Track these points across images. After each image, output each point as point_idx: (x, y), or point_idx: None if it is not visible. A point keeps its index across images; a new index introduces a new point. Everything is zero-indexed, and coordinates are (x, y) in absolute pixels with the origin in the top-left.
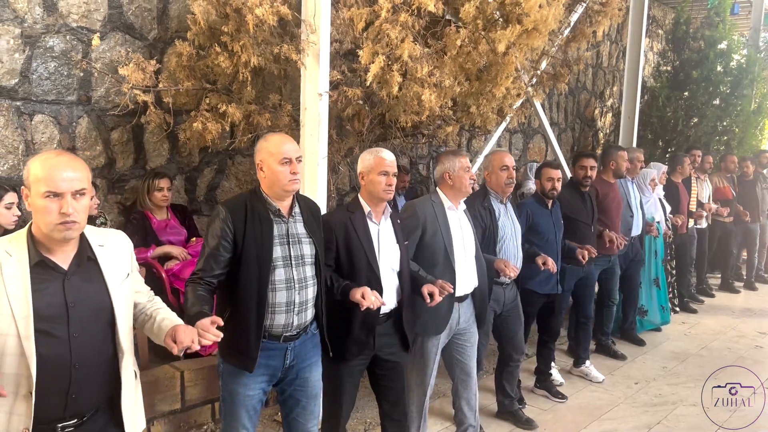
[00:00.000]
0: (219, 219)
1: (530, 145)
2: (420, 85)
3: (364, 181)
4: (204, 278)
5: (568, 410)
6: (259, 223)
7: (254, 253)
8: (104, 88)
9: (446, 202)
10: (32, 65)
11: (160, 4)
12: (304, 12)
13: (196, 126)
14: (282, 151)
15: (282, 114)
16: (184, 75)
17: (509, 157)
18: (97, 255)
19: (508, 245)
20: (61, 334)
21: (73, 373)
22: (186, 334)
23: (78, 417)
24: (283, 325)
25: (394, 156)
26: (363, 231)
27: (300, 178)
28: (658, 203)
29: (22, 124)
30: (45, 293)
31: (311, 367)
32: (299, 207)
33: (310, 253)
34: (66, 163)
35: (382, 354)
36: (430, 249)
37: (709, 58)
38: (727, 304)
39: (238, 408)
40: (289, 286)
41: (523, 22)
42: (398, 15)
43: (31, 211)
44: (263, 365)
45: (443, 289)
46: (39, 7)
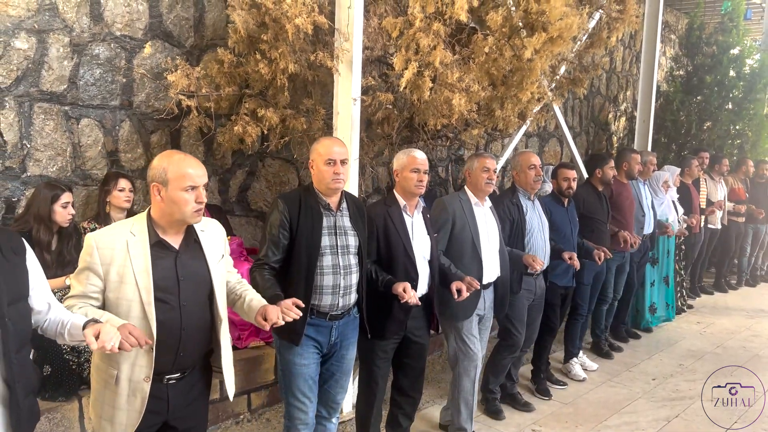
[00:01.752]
0: (277, 210)
1: (546, 148)
2: (450, 90)
3: (398, 178)
4: (267, 264)
5: (589, 404)
6: (310, 214)
7: (305, 241)
8: (145, 93)
9: (472, 198)
10: (79, 72)
11: (196, 13)
12: (338, 21)
13: (236, 129)
14: (328, 153)
15: (316, 118)
16: (225, 81)
17: (536, 157)
18: (201, 238)
19: (536, 238)
20: (173, 302)
21: (182, 335)
22: (273, 312)
23: (181, 371)
24: (330, 305)
25: (425, 156)
26: (399, 222)
27: (344, 178)
28: (671, 205)
29: (69, 127)
30: (161, 267)
31: (350, 345)
32: (347, 203)
33: (354, 244)
34: (194, 161)
35: (411, 336)
36: (459, 241)
37: (723, 63)
38: (742, 304)
39: (296, 378)
40: (335, 271)
41: (548, 30)
42: (431, 24)
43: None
44: (312, 338)
45: (471, 286)
46: (86, 17)
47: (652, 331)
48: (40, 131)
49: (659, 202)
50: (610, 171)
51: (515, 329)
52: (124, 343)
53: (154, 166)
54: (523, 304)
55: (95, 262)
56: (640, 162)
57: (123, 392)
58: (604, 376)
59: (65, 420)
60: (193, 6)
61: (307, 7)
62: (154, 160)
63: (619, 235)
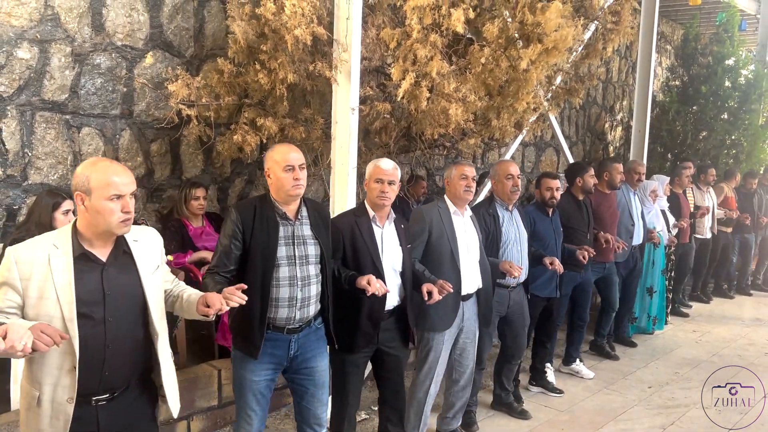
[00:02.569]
0: (230, 220)
1: (542, 157)
2: (447, 100)
3: (367, 188)
4: (219, 273)
5: (585, 411)
6: (266, 224)
7: (259, 252)
8: (145, 102)
9: (451, 207)
10: (81, 81)
11: (196, 23)
12: (336, 32)
13: (236, 138)
14: (285, 159)
15: (315, 127)
16: (225, 91)
17: (514, 167)
18: (132, 249)
19: (511, 250)
20: (98, 318)
21: (107, 352)
22: (216, 298)
23: (110, 392)
24: (286, 318)
25: (393, 165)
26: (368, 234)
27: (303, 183)
28: (659, 214)
29: (70, 136)
30: (86, 281)
31: (316, 357)
32: (307, 210)
33: (314, 254)
34: (121, 168)
35: (385, 347)
36: (437, 250)
37: (718, 74)
38: (738, 313)
39: (246, 392)
40: (292, 282)
41: (543, 41)
42: (428, 35)
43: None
44: (268, 353)
45: (443, 289)
46: (88, 27)
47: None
48: (42, 140)
49: (647, 211)
50: (591, 179)
51: (483, 343)
52: (38, 343)
53: (77, 173)
54: (493, 316)
55: (13, 277)
56: (621, 171)
57: (45, 414)
58: (600, 383)
59: None
60: (193, 16)
61: (306, 19)
62: (78, 168)
63: (600, 237)
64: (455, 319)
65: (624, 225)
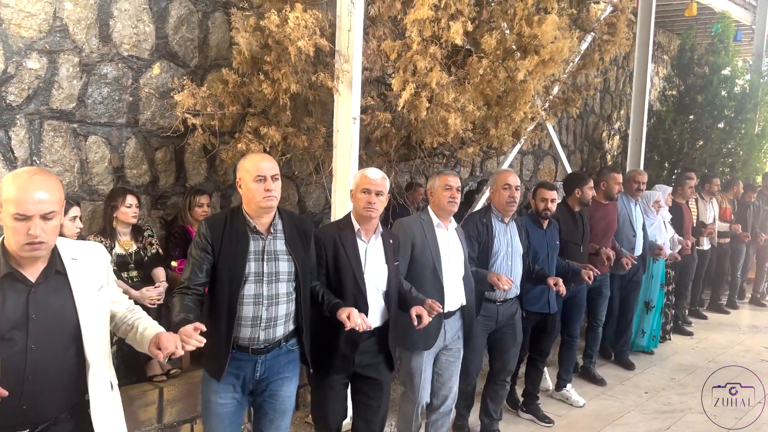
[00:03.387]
0: (200, 233)
1: (540, 166)
2: (446, 110)
3: (353, 199)
4: (190, 287)
5: (582, 416)
6: (235, 238)
7: (227, 267)
8: (150, 111)
9: (435, 219)
10: (88, 91)
11: (201, 34)
12: (338, 43)
13: (240, 147)
14: (257, 169)
15: (317, 136)
16: (229, 100)
17: (513, 177)
18: (68, 268)
19: (501, 263)
20: (18, 346)
21: (26, 384)
22: (169, 341)
23: (32, 427)
24: (249, 338)
25: (381, 175)
26: (351, 248)
27: (276, 195)
28: (662, 226)
29: (77, 144)
30: (9, 303)
31: (283, 381)
32: (282, 224)
33: (287, 270)
34: (38, 184)
35: (362, 371)
36: (419, 265)
37: (714, 84)
38: (734, 320)
39: (211, 415)
40: (257, 301)
41: (540, 52)
42: (428, 47)
43: None
44: (233, 375)
45: (432, 309)
46: (95, 38)
47: None
48: (50, 148)
49: (650, 222)
50: (590, 192)
51: (470, 360)
52: None
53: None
54: (479, 332)
55: None
56: (620, 182)
57: None
58: (597, 389)
59: None
60: (198, 27)
61: (309, 30)
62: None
63: (602, 253)
64: (437, 337)
65: (625, 236)
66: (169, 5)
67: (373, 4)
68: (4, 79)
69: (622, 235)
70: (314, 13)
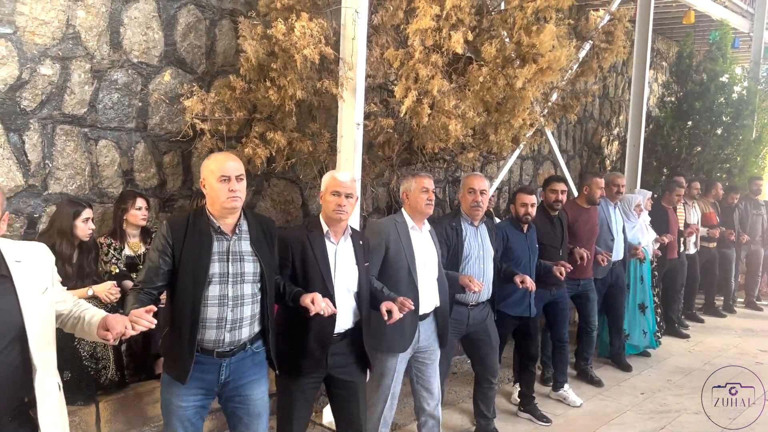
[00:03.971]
0: (160, 233)
1: (540, 171)
2: (447, 116)
3: (322, 202)
4: (144, 289)
5: (579, 415)
6: (198, 239)
7: (190, 269)
8: (159, 116)
9: (409, 222)
10: (99, 96)
11: (208, 41)
12: (342, 51)
13: (247, 151)
14: (221, 169)
15: (321, 141)
16: (236, 106)
17: (478, 181)
18: (12, 271)
19: (472, 266)
20: None
21: None
22: (117, 321)
23: None
24: (214, 341)
25: (351, 177)
26: (320, 250)
27: (240, 195)
28: (644, 229)
29: (88, 148)
30: None
31: (252, 384)
32: (247, 225)
33: (253, 271)
34: None
35: (336, 373)
36: (394, 267)
37: (711, 90)
38: (730, 324)
39: (172, 418)
40: (221, 302)
41: (538, 61)
42: (429, 56)
43: None
44: (197, 378)
45: (403, 306)
46: (106, 45)
47: None
48: (62, 151)
49: (631, 225)
50: (551, 195)
51: None
52: None
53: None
54: (450, 335)
55: None
56: (602, 186)
57: None
58: (594, 390)
59: (83, 423)
60: (205, 35)
61: (314, 39)
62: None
63: (575, 252)
64: (412, 339)
65: (603, 240)
66: (177, 13)
67: (376, 14)
68: (19, 84)
69: (600, 239)
70: (319, 21)
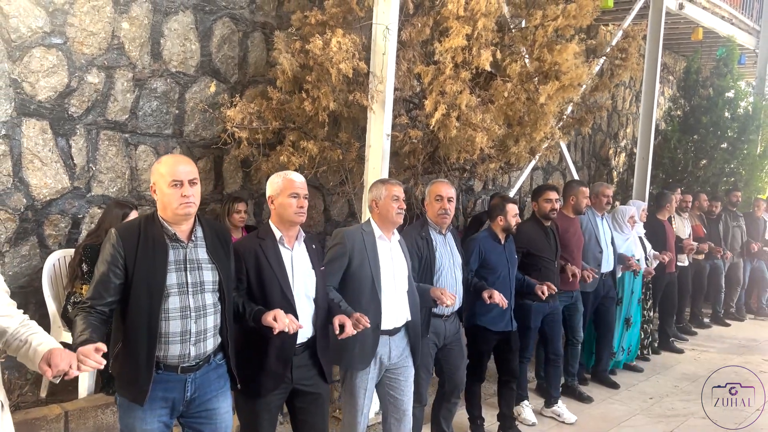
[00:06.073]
0: (109, 243)
1: (549, 180)
2: (473, 129)
3: (273, 206)
4: (95, 307)
5: (591, 418)
6: (152, 248)
7: (145, 280)
8: (194, 123)
9: (377, 231)
10: (139, 103)
11: (241, 52)
12: (373, 65)
13: (282, 159)
14: (172, 173)
15: (351, 150)
16: (272, 116)
17: (446, 188)
18: None
19: (446, 276)
20: None
21: None
22: (62, 358)
23: None
24: (179, 356)
25: (303, 178)
26: (275, 258)
27: (194, 201)
28: (638, 241)
29: (129, 153)
30: None
31: (218, 397)
32: (202, 231)
33: (211, 280)
34: None
35: (301, 386)
36: (357, 279)
37: (718, 105)
38: (734, 333)
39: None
40: (184, 314)
41: (560, 78)
42: (459, 72)
43: None
44: (160, 398)
45: (358, 323)
46: (147, 55)
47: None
48: (104, 156)
49: (624, 238)
50: (546, 205)
51: (420, 377)
52: None
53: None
54: (430, 349)
55: None
56: (588, 196)
57: None
58: (605, 394)
59: None
60: (238, 46)
61: (348, 53)
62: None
63: (567, 269)
64: (375, 356)
65: (591, 252)
66: (213, 25)
67: (403, 30)
68: (68, 92)
69: (588, 252)
70: (352, 37)
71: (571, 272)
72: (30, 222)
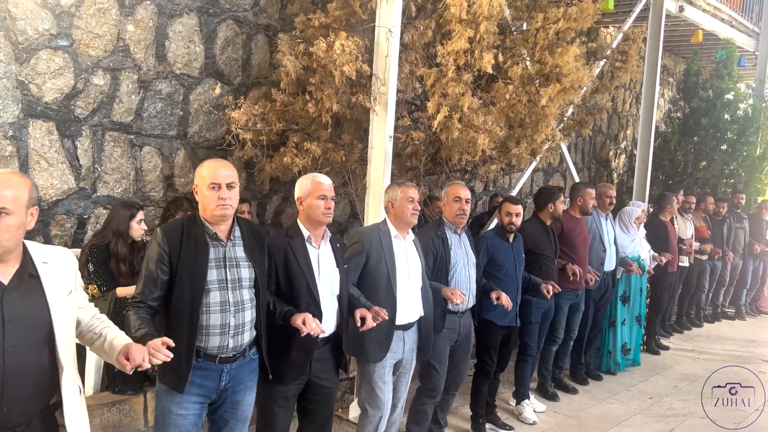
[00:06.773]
0: (155, 242)
1: (550, 182)
2: (475, 130)
3: (302, 206)
4: (144, 302)
5: (591, 417)
6: (194, 246)
7: (187, 276)
8: (198, 125)
9: (393, 230)
10: (144, 105)
11: (244, 54)
12: (376, 68)
13: (286, 160)
14: (212, 176)
15: (353, 151)
16: (276, 118)
17: (463, 190)
18: (40, 271)
19: (460, 274)
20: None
21: (5, 386)
22: (138, 353)
23: (9, 429)
24: (218, 347)
25: (330, 181)
26: (302, 256)
27: (231, 203)
28: (643, 242)
29: (134, 154)
30: None
31: (245, 390)
32: (240, 231)
33: (248, 277)
34: None
35: (317, 379)
36: (373, 276)
37: (717, 107)
38: (733, 334)
39: (168, 427)
40: (224, 308)
41: (562, 81)
42: (461, 74)
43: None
44: (197, 384)
45: (377, 315)
46: (152, 58)
47: (615, 374)
48: (110, 157)
49: (630, 238)
50: (561, 206)
51: (436, 372)
52: None
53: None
54: (444, 345)
55: None
56: (594, 197)
57: None
58: (605, 393)
59: (132, 411)
60: (242, 48)
61: (352, 56)
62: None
63: (567, 269)
64: (390, 349)
65: (595, 251)
66: (217, 27)
67: (406, 32)
68: (74, 93)
69: (592, 251)
70: (355, 40)
71: (571, 271)
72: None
